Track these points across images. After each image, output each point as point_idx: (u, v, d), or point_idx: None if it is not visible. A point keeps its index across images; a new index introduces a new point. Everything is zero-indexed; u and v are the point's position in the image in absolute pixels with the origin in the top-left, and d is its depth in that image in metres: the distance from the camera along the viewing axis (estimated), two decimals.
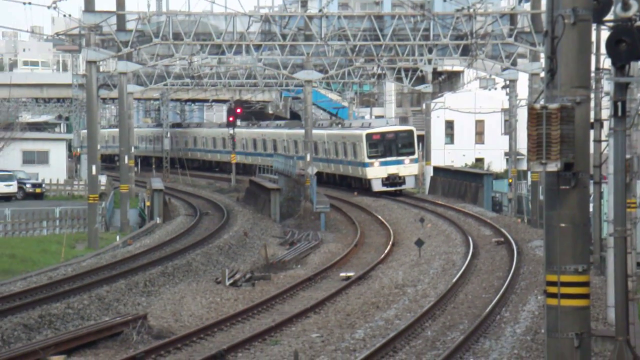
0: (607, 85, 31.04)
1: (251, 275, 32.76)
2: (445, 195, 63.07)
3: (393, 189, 64.32)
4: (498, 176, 67.19)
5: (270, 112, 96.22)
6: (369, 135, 64.81)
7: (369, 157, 64.49)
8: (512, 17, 49.10)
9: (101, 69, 65.41)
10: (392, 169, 64.16)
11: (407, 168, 64.26)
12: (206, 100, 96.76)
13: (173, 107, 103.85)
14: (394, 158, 64.29)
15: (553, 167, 12.18)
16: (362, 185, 66.23)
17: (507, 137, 59.21)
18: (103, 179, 67.52)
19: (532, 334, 23.36)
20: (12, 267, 35.11)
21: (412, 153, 64.67)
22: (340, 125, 72.12)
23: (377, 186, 64.31)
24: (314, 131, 69.83)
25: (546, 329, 12.45)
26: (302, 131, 71.31)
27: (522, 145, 72.41)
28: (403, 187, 64.72)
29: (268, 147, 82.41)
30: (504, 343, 22.53)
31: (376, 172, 64.27)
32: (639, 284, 20.53)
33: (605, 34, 14.40)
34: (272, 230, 48.16)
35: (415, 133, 65.90)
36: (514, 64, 51.18)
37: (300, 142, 73.83)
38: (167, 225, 49.85)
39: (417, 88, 73.12)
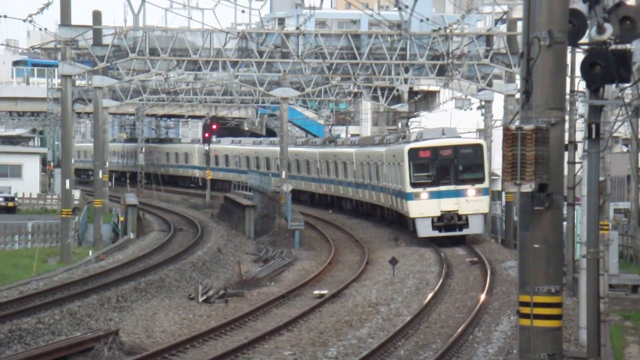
0: (581, 108, 31.21)
1: (224, 292, 32.66)
2: None
3: (449, 234, 44.50)
4: None
5: (246, 128, 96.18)
6: (413, 152, 44.87)
7: (413, 185, 44.61)
8: (488, 39, 49.37)
9: (76, 83, 65.22)
10: (448, 204, 44.13)
11: (471, 203, 44.29)
12: (182, 116, 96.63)
13: (148, 123, 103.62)
14: (451, 187, 44.40)
15: (527, 187, 12.23)
16: (407, 225, 47.19)
17: None
18: (77, 194, 67.19)
19: (505, 354, 23.37)
20: None
21: (480, 180, 44.73)
22: (402, 139, 50.96)
23: (424, 229, 44.45)
24: (373, 149, 55.11)
25: (518, 350, 12.47)
26: (308, 149, 68.30)
27: (497, 165, 72.65)
28: (465, 231, 44.68)
29: (252, 163, 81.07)
30: None
31: (423, 207, 44.22)
32: (610, 306, 20.61)
33: (580, 56, 14.50)
34: (246, 247, 48.05)
35: (486, 149, 45.97)
36: (490, 84, 51.42)
37: (308, 161, 66.73)
38: (140, 241, 49.64)
39: (393, 107, 73.30)
